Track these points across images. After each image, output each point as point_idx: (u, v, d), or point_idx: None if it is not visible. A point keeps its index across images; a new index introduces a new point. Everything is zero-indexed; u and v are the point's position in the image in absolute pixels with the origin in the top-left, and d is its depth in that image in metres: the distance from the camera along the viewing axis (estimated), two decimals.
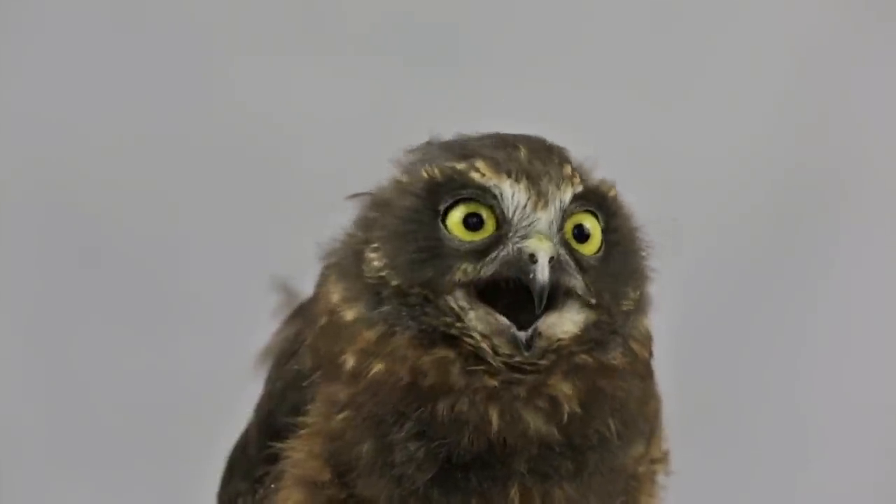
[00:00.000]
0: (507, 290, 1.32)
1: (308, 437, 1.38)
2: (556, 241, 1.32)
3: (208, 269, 2.48)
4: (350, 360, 1.35)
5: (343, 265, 1.41)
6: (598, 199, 1.37)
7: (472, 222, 1.33)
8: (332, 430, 1.35)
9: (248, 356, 1.58)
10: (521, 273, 1.30)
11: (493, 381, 1.30)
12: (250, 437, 1.52)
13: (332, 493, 1.36)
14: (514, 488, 1.32)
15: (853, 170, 2.58)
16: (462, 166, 1.34)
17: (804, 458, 2.56)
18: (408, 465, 1.31)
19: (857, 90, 2.57)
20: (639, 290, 1.40)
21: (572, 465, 1.33)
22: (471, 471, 1.31)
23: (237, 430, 1.58)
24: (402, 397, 1.32)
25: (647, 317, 1.43)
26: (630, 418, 1.37)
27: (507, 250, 1.32)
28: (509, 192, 1.32)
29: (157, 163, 2.52)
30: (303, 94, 2.49)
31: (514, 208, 1.32)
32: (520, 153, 1.35)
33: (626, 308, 1.38)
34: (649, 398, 1.44)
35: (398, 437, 1.31)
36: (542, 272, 1.28)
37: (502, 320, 1.31)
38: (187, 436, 2.35)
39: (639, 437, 1.40)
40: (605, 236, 1.37)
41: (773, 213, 2.57)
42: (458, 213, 1.34)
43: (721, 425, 2.50)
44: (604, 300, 1.35)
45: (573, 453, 1.33)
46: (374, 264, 1.36)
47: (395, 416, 1.32)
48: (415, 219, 1.35)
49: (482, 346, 1.31)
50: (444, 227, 1.34)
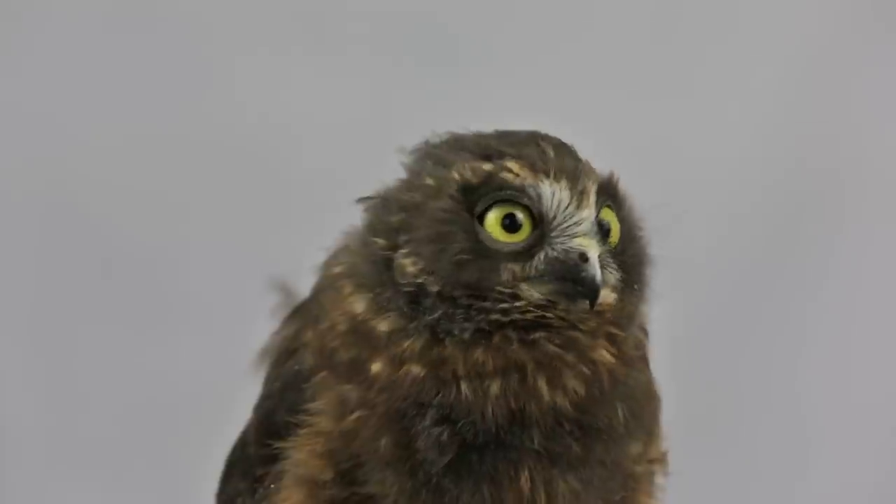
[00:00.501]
0: None
1: (309, 437, 1.38)
2: (598, 239, 1.34)
3: (208, 268, 2.48)
4: (379, 366, 1.35)
5: (362, 273, 1.39)
6: (613, 192, 1.39)
7: (508, 223, 1.34)
8: (344, 430, 1.36)
9: (248, 356, 1.57)
10: (569, 272, 1.31)
11: (552, 347, 1.32)
12: (249, 437, 1.52)
13: (333, 492, 1.37)
14: (525, 474, 1.32)
15: (854, 169, 2.58)
16: (493, 167, 1.34)
17: (805, 459, 2.56)
18: (430, 450, 1.31)
19: (859, 90, 2.57)
20: (647, 279, 1.42)
21: (580, 449, 1.33)
22: (486, 451, 1.32)
23: (236, 429, 1.58)
24: (421, 389, 1.32)
25: (645, 304, 1.44)
26: (637, 409, 1.38)
27: (552, 250, 1.33)
28: (549, 191, 1.33)
29: (157, 163, 2.52)
30: (303, 95, 2.49)
31: (555, 208, 1.33)
32: (548, 151, 1.35)
33: (640, 297, 1.40)
34: (652, 395, 1.45)
35: (421, 426, 1.32)
36: (596, 270, 1.30)
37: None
38: (186, 435, 2.34)
39: (641, 432, 1.40)
40: (622, 227, 1.39)
41: (774, 212, 2.57)
42: (494, 215, 1.34)
43: (721, 425, 2.50)
44: (626, 287, 1.37)
45: (581, 434, 1.33)
46: (409, 270, 1.35)
47: (416, 407, 1.32)
48: (451, 221, 1.34)
49: (543, 315, 1.32)
50: (483, 229, 1.33)
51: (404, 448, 1.33)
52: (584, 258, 1.31)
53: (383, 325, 1.35)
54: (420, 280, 1.34)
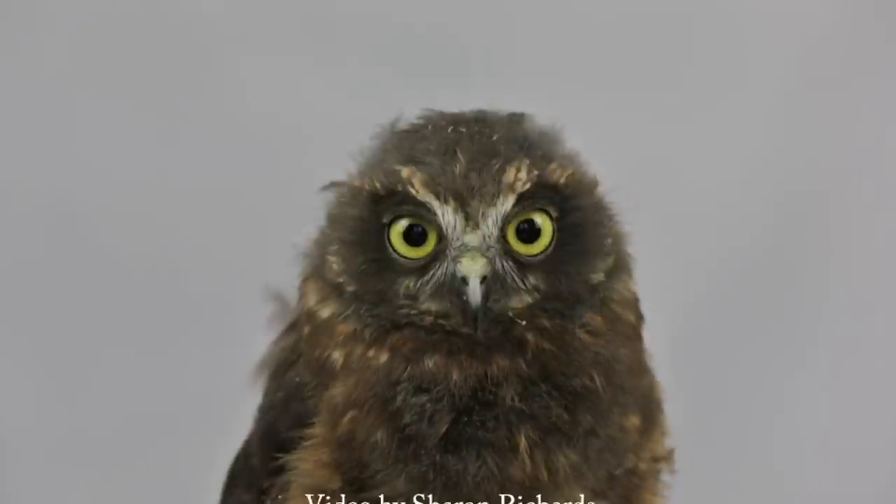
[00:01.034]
0: None
1: (315, 448, 1.39)
2: (491, 256, 1.33)
3: (211, 277, 2.49)
4: (336, 357, 1.38)
5: (316, 265, 1.44)
6: (549, 193, 1.37)
7: (416, 233, 1.35)
8: (342, 434, 1.37)
9: (248, 366, 1.57)
10: (455, 294, 1.33)
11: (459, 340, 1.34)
12: (252, 448, 1.52)
13: (342, 501, 1.37)
14: (523, 441, 1.33)
15: (855, 178, 2.60)
16: (398, 180, 1.34)
17: (805, 459, 2.57)
18: (421, 424, 1.33)
19: (859, 101, 2.58)
20: (609, 259, 1.41)
21: (566, 414, 1.34)
22: (473, 416, 1.33)
23: (237, 440, 1.58)
24: (389, 369, 1.35)
25: (630, 278, 1.45)
26: (617, 378, 1.38)
27: (442, 269, 1.34)
28: (439, 211, 1.33)
29: (158, 167, 2.52)
30: (311, 101, 2.50)
31: (446, 226, 1.34)
32: (456, 164, 1.34)
33: (597, 280, 1.39)
34: (642, 370, 1.45)
35: (402, 401, 1.34)
36: (474, 295, 1.31)
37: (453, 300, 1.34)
38: (187, 446, 2.35)
39: (631, 404, 1.41)
40: (563, 221, 1.37)
41: (774, 212, 2.57)
42: (399, 227, 1.36)
43: (721, 425, 2.51)
44: (560, 286, 1.36)
45: (561, 396, 1.34)
46: (334, 268, 1.39)
47: (391, 386, 1.34)
48: (363, 229, 1.38)
49: (439, 322, 1.34)
50: (389, 241, 1.36)
51: (400, 433, 1.34)
52: (465, 281, 1.32)
53: (325, 312, 1.40)
54: (340, 280, 1.39)
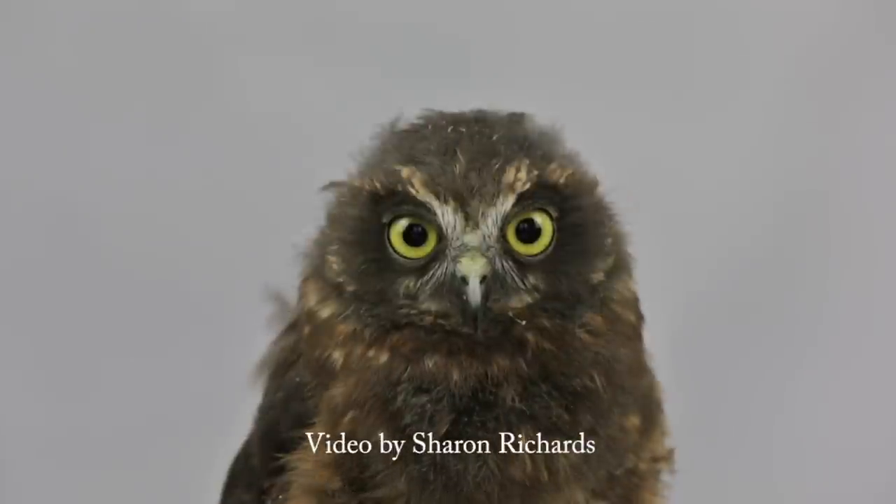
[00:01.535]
0: None
1: (316, 447, 1.38)
2: (491, 256, 1.33)
3: (211, 277, 2.49)
4: (337, 357, 1.38)
5: (316, 265, 1.43)
6: (549, 193, 1.37)
7: (416, 233, 1.36)
8: (343, 434, 1.36)
9: (248, 366, 1.57)
10: (455, 293, 1.33)
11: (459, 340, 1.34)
12: (252, 449, 1.52)
13: (342, 501, 1.37)
14: (523, 440, 1.33)
15: (855, 178, 2.60)
16: (398, 179, 1.34)
17: (806, 458, 2.57)
18: (422, 424, 1.33)
19: (859, 102, 2.59)
20: (609, 258, 1.41)
21: (567, 414, 1.34)
22: (475, 413, 1.33)
23: (237, 440, 1.58)
24: (389, 369, 1.35)
25: (630, 278, 1.45)
26: (617, 378, 1.38)
27: (442, 269, 1.34)
28: (439, 211, 1.33)
29: (158, 167, 2.52)
30: (311, 101, 2.50)
31: (446, 226, 1.34)
32: (456, 164, 1.34)
33: (597, 280, 1.39)
34: (642, 370, 1.45)
35: (402, 401, 1.34)
36: (474, 295, 1.31)
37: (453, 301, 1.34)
38: (186, 446, 2.35)
39: (632, 404, 1.41)
40: (563, 221, 1.37)
41: (774, 213, 2.59)
42: (399, 227, 1.36)
43: (720, 426, 2.51)
44: (560, 286, 1.36)
45: (561, 396, 1.34)
46: (334, 268, 1.39)
47: (391, 386, 1.34)
48: (362, 229, 1.38)
49: (439, 322, 1.34)
50: (389, 241, 1.36)
51: (401, 433, 1.34)
52: (465, 281, 1.32)
53: (325, 312, 1.40)
54: (340, 280, 1.38)
